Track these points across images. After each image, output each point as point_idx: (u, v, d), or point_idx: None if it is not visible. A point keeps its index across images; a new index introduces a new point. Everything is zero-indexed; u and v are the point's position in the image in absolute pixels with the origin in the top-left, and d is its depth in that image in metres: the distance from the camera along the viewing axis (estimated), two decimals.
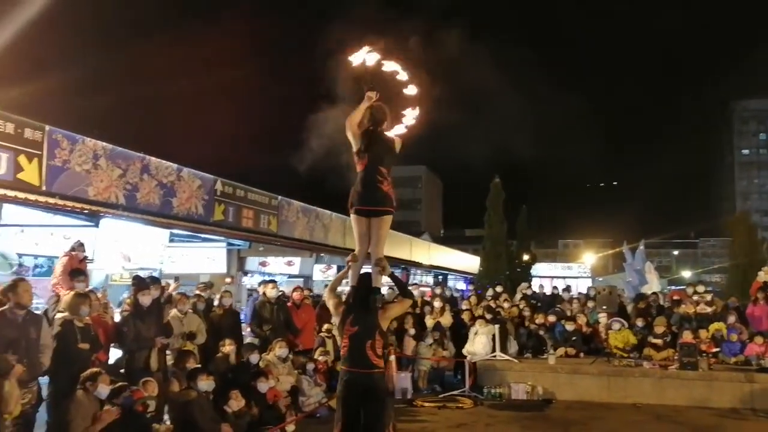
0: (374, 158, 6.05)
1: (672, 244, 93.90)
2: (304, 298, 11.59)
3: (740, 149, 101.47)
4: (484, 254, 26.21)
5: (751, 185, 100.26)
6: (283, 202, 17.74)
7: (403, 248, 27.78)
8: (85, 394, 6.40)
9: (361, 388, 5.56)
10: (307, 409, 9.31)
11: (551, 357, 11.78)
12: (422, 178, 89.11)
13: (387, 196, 6.07)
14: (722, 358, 11.63)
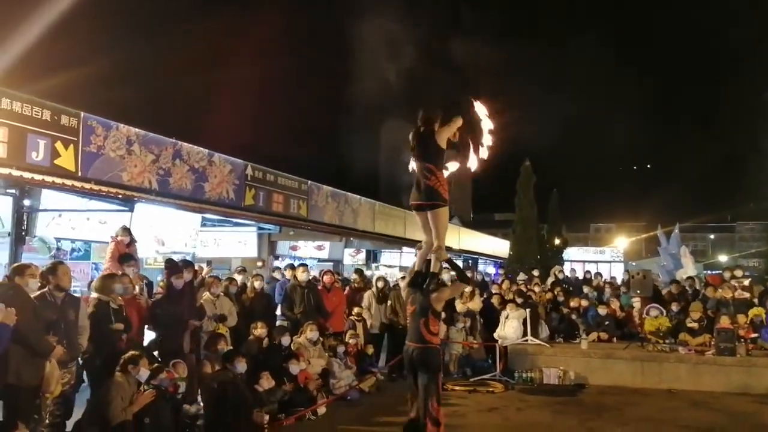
0: (422, 156, 6.78)
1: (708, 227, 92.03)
2: (334, 282, 11.67)
3: None
4: (514, 238, 26.05)
5: None
6: (313, 187, 17.79)
7: None
8: (123, 375, 6.53)
9: (415, 360, 6.62)
10: (338, 392, 9.39)
11: (584, 341, 11.70)
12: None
13: (433, 191, 6.65)
14: (761, 344, 11.42)
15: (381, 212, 22.71)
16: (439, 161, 6.80)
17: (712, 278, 16.50)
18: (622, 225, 73.92)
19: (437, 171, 6.74)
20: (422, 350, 6.59)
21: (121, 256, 8.71)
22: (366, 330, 11.57)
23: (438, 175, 6.73)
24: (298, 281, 10.78)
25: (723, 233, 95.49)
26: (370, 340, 11.58)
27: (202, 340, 8.58)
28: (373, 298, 12.04)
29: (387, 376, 11.26)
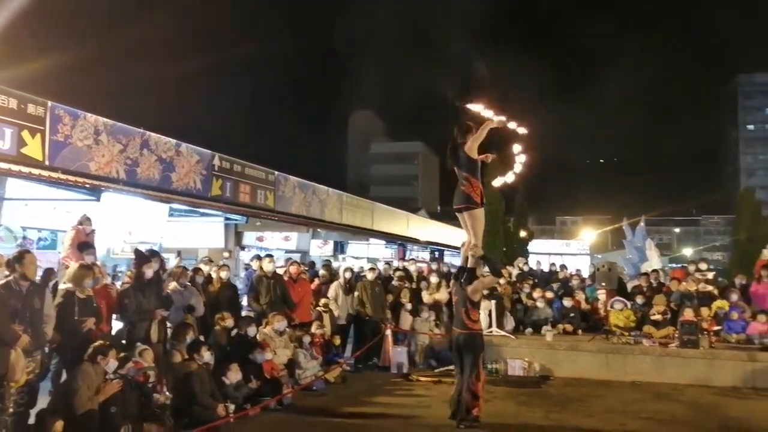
0: (458, 165, 7.90)
1: (673, 221, 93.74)
2: (301, 273, 11.71)
3: (745, 124, 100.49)
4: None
5: (756, 161, 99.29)
6: (280, 178, 17.73)
7: (399, 224, 27.84)
8: (91, 365, 6.50)
9: (460, 344, 7.76)
10: (304, 382, 9.44)
11: (549, 333, 11.87)
12: (419, 154, 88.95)
13: (466, 196, 7.82)
14: (724, 337, 11.69)
15: (348, 203, 22.73)
16: (472, 170, 7.80)
17: (676, 272, 16.84)
18: (588, 218, 74.88)
19: (471, 178, 7.77)
20: (466, 336, 7.70)
21: (80, 244, 8.65)
22: (333, 321, 11.63)
23: (472, 182, 7.77)
24: (265, 272, 10.80)
25: (688, 227, 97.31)
26: (337, 331, 11.65)
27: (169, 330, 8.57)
28: (340, 289, 12.10)
29: (353, 367, 11.35)
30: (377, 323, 11.87)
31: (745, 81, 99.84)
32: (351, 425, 7.91)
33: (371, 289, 11.98)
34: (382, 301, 12.10)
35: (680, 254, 64.56)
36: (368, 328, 11.90)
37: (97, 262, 8.74)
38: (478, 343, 7.80)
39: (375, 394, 9.56)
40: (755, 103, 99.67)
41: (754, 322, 11.67)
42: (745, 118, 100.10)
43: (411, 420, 8.06)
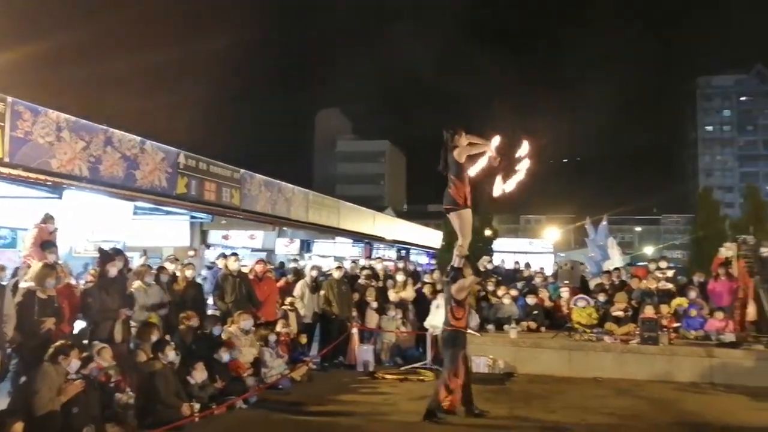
0: (446, 168, 8.19)
1: (635, 220, 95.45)
2: (267, 271, 11.68)
3: (704, 126, 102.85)
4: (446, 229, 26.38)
5: (714, 162, 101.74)
6: (246, 176, 17.64)
7: (365, 223, 27.89)
8: (52, 365, 6.41)
9: (442, 339, 8.31)
10: (270, 381, 9.42)
11: (512, 331, 11.98)
12: (386, 152, 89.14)
13: (451, 197, 8.12)
14: (683, 333, 11.93)
15: (315, 202, 22.70)
16: (458, 172, 8.08)
17: (638, 270, 17.14)
18: (552, 217, 75.75)
19: (457, 181, 8.07)
20: (449, 332, 8.10)
21: (43, 242, 8.51)
22: (299, 319, 11.63)
23: (457, 185, 8.07)
24: (230, 270, 10.76)
25: (649, 225, 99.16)
26: (303, 330, 11.65)
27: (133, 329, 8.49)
28: (306, 288, 12.10)
29: (319, 365, 11.36)
30: (343, 322, 11.89)
31: (703, 83, 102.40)
32: (317, 423, 7.93)
33: (337, 288, 12.00)
34: (348, 300, 12.12)
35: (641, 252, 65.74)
36: (334, 326, 11.92)
37: (60, 261, 8.61)
38: (458, 340, 8.10)
39: (341, 393, 9.58)
40: (713, 105, 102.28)
41: (712, 319, 11.95)
42: (703, 120, 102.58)
43: (376, 417, 8.11)
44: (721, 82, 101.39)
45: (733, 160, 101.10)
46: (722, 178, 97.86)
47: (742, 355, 10.77)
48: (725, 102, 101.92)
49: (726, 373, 10.62)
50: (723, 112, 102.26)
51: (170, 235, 16.14)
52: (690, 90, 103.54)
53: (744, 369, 10.59)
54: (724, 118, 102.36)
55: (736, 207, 64.23)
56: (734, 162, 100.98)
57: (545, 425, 7.79)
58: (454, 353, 8.06)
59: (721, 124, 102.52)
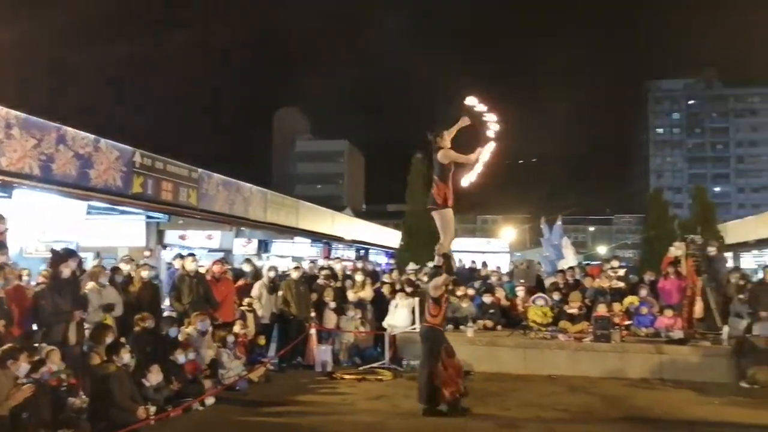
0: (432, 169, 8.49)
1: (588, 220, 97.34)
2: (224, 272, 11.59)
3: (654, 128, 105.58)
4: (405, 229, 26.55)
5: (665, 163, 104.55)
6: (204, 175, 17.45)
7: (324, 222, 27.85)
8: (0, 369, 6.27)
9: (420, 336, 8.67)
10: (227, 382, 9.37)
11: (469, 330, 12.14)
12: (344, 152, 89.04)
13: (432, 198, 8.41)
14: (634, 331, 12.28)
15: (273, 201, 22.57)
16: (440, 173, 8.33)
17: (592, 268, 17.49)
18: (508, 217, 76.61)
19: (439, 182, 8.33)
20: (426, 329, 8.45)
21: None
22: (256, 320, 11.58)
23: (438, 185, 8.33)
24: (187, 271, 10.65)
25: (602, 225, 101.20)
26: (261, 330, 11.60)
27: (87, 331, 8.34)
28: (264, 288, 12.05)
29: (277, 366, 11.33)
30: (301, 322, 11.88)
31: (654, 87, 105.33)
32: (274, 424, 7.93)
33: (295, 288, 11.97)
34: (306, 300, 12.11)
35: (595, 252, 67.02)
36: (292, 327, 11.89)
37: (10, 262, 8.41)
38: (433, 335, 8.38)
39: (299, 393, 9.58)
40: (663, 108, 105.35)
41: (662, 316, 12.30)
42: (654, 122, 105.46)
43: (335, 418, 8.13)
44: (670, 85, 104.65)
45: (682, 162, 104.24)
46: (672, 179, 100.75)
47: (689, 351, 11.11)
48: (674, 105, 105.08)
49: (675, 368, 10.95)
50: (672, 115, 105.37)
51: (125, 235, 15.89)
52: (642, 93, 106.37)
53: (691, 365, 10.93)
54: (674, 120, 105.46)
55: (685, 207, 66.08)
56: (683, 163, 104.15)
57: (501, 422, 7.92)
58: (430, 349, 8.25)
59: (671, 126, 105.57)
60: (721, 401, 9.32)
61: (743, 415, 8.50)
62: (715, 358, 10.96)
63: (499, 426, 7.76)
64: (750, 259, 29.46)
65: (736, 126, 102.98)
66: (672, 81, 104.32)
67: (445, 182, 8.37)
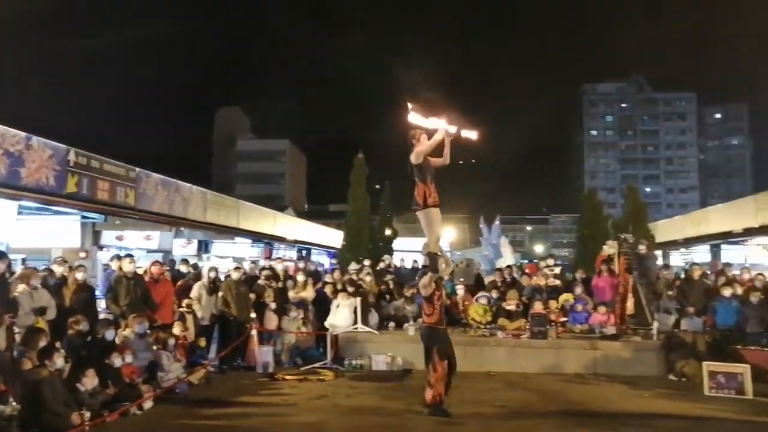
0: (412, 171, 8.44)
1: (526, 219, 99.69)
2: (163, 273, 11.41)
3: (589, 130, 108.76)
4: (347, 229, 26.60)
5: (598, 164, 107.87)
6: (142, 174, 17.09)
7: (266, 223, 27.63)
8: None
9: (420, 334, 8.66)
10: (166, 385, 9.22)
11: (411, 328, 12.26)
12: (286, 152, 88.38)
13: (414, 199, 8.47)
14: (569, 327, 12.67)
15: (213, 201, 22.27)
16: (418, 174, 8.38)
17: (529, 267, 17.91)
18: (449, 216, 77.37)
19: (418, 183, 8.38)
20: (424, 328, 8.50)
21: None
22: (196, 321, 11.42)
23: (418, 186, 8.38)
24: (124, 272, 10.44)
25: (539, 225, 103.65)
26: (201, 332, 11.46)
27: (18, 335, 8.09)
28: (204, 290, 11.90)
29: (217, 368, 11.20)
30: (242, 323, 11.78)
31: (589, 90, 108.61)
32: (214, 427, 7.84)
33: (236, 289, 11.86)
34: (246, 301, 12.02)
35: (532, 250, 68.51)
36: (233, 328, 11.77)
37: None
38: (427, 334, 8.43)
39: (240, 395, 9.50)
40: (598, 111, 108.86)
41: (596, 313, 12.72)
42: (589, 124, 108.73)
43: (276, 419, 8.10)
44: (604, 89, 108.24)
45: (615, 163, 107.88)
46: (605, 180, 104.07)
47: (621, 346, 11.52)
48: (608, 108, 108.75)
49: (608, 363, 11.33)
50: (606, 118, 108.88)
51: (59, 236, 15.45)
52: (577, 95, 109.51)
53: (623, 360, 11.34)
54: (608, 123, 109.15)
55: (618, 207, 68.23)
56: (616, 165, 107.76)
57: (440, 420, 8.02)
58: (428, 349, 8.33)
59: (605, 128, 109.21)
60: (651, 394, 9.70)
61: (671, 407, 8.85)
62: (645, 353, 11.40)
63: (438, 423, 7.86)
64: (678, 256, 30.71)
65: (666, 129, 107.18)
66: (606, 85, 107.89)
67: (423, 182, 8.36)
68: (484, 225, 22.99)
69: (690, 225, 28.99)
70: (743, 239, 23.69)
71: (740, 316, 11.47)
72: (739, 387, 9.53)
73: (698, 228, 27.45)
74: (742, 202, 25.06)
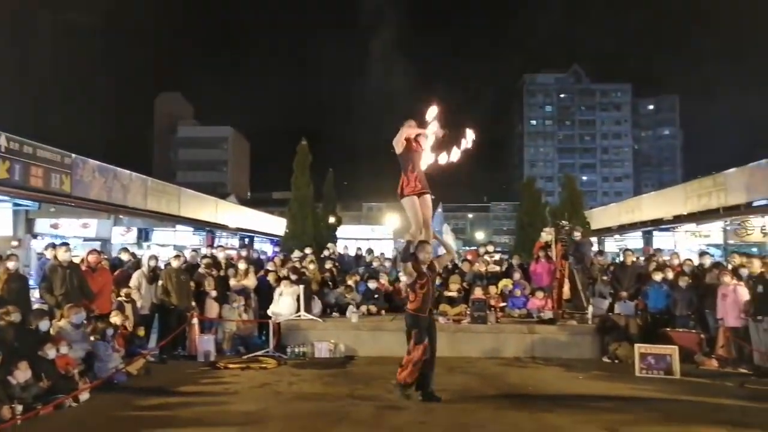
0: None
1: (467, 207, 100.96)
2: (100, 262, 11.16)
3: (529, 120, 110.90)
4: (290, 216, 26.42)
5: (537, 153, 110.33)
6: (78, 161, 16.63)
7: (208, 210, 27.25)
8: None
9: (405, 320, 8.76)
10: (104, 376, 9.05)
11: (354, 315, 12.36)
12: (228, 138, 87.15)
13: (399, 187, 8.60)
14: (508, 312, 13.01)
15: (154, 188, 21.85)
16: (402, 165, 8.54)
17: (470, 253, 18.19)
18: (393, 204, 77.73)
19: (402, 171, 8.53)
20: (406, 314, 8.67)
21: None
22: (135, 311, 11.23)
23: (402, 177, 8.53)
24: (59, 261, 10.17)
25: (480, 213, 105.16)
26: (141, 322, 11.27)
27: None
28: (144, 278, 11.70)
29: (158, 358, 11.05)
30: (182, 312, 11.64)
31: (529, 80, 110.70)
32: (153, 417, 7.72)
33: (176, 277, 11.70)
34: (187, 289, 11.87)
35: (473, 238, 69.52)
36: (173, 317, 11.62)
37: None
38: (410, 321, 8.57)
39: (181, 384, 9.39)
40: (537, 101, 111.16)
41: (533, 298, 13.06)
42: (529, 114, 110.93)
43: (218, 408, 8.06)
44: (543, 79, 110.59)
45: (554, 152, 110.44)
46: (544, 169, 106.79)
47: (557, 330, 11.88)
48: (547, 98, 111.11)
49: (545, 347, 11.67)
50: (546, 108, 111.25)
51: None
52: (518, 86, 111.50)
53: (559, 343, 11.70)
54: (546, 113, 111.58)
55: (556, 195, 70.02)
56: (554, 154, 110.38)
57: (383, 404, 8.14)
58: (408, 333, 8.57)
59: (544, 118, 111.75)
60: (585, 376, 10.06)
61: (604, 388, 9.21)
62: (580, 336, 11.78)
63: (380, 408, 7.97)
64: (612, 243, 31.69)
65: (602, 119, 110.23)
66: (545, 75, 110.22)
67: (404, 171, 8.51)
68: None
69: (624, 212, 30.00)
70: (673, 226, 24.64)
71: (670, 299, 11.97)
72: (667, 368, 9.96)
73: (631, 215, 28.44)
74: (673, 190, 26.07)
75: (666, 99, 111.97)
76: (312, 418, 7.55)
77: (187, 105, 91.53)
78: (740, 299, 10.80)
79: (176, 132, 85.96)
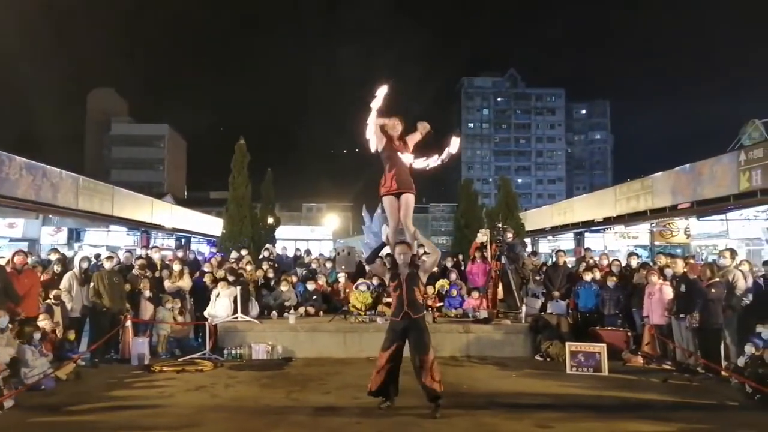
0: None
1: None
2: (26, 263, 10.80)
3: (467, 123, 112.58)
4: (227, 216, 26.05)
5: (475, 156, 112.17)
6: (4, 158, 16.03)
7: (143, 210, 26.64)
8: None
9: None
10: (30, 382, 8.77)
11: (291, 317, 12.34)
12: (165, 137, 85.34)
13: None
14: (445, 312, 13.20)
15: (86, 187, 21.22)
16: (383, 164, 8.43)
17: None
18: (332, 205, 77.80)
19: (385, 170, 8.45)
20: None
21: None
22: (65, 314, 10.92)
23: (384, 172, 8.43)
24: None
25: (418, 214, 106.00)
26: (71, 325, 10.97)
27: None
28: (75, 280, 11.39)
29: (89, 361, 10.78)
30: (115, 314, 11.38)
31: (467, 83, 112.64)
32: (82, 423, 7.50)
33: (108, 279, 11.42)
34: (120, 291, 11.61)
35: None
36: (106, 319, 11.34)
37: None
38: (388, 325, 8.49)
39: (113, 389, 9.19)
40: (475, 104, 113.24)
41: (469, 298, 13.30)
42: (467, 117, 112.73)
43: (151, 411, 7.92)
44: (481, 83, 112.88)
45: (490, 155, 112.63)
46: (481, 171, 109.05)
47: (492, 329, 12.14)
48: (485, 102, 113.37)
49: (480, 346, 11.91)
50: (483, 111, 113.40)
51: None
52: (456, 89, 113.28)
53: (494, 342, 11.96)
54: (484, 116, 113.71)
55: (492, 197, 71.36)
56: (491, 156, 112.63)
57: (319, 407, 8.17)
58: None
59: (481, 121, 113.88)
60: (519, 374, 10.32)
61: (536, 386, 9.47)
62: (514, 335, 12.07)
63: (317, 410, 8.00)
64: (546, 243, 32.52)
65: (537, 123, 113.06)
66: (482, 79, 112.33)
67: (383, 170, 8.41)
68: (366, 214, 23.34)
69: (557, 214, 30.85)
70: (603, 227, 25.48)
71: (599, 299, 12.39)
72: (596, 365, 10.32)
73: (564, 217, 29.27)
74: (603, 193, 26.96)
75: (598, 104, 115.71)
76: (249, 420, 7.51)
77: (122, 101, 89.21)
78: (665, 298, 11.25)
79: (110, 129, 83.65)
